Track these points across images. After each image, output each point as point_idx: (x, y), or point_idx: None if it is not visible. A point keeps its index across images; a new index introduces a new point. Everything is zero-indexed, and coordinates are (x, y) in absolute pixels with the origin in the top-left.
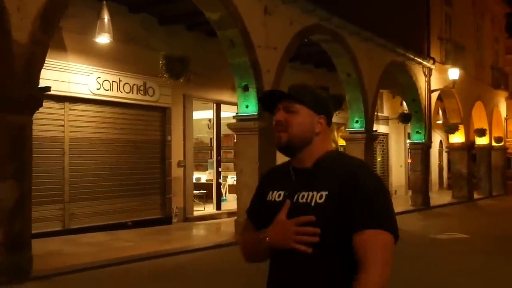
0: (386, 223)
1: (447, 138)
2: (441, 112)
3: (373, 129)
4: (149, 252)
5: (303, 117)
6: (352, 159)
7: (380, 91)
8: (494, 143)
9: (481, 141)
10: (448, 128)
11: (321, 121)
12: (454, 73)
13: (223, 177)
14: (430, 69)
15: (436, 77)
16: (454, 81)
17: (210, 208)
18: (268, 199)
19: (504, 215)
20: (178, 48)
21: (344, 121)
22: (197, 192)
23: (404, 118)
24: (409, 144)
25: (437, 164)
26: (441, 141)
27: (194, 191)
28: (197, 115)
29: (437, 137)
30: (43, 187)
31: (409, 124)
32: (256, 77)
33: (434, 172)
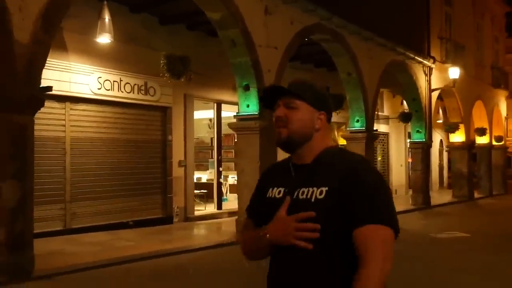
0: (387, 218)
1: (448, 137)
2: (441, 112)
3: (374, 129)
4: (150, 252)
5: (303, 113)
6: (353, 155)
7: (380, 91)
8: (495, 142)
9: (482, 140)
10: (449, 127)
11: (321, 117)
12: (455, 72)
13: (224, 177)
14: (431, 68)
15: (437, 76)
16: (455, 80)
17: (211, 208)
18: (268, 196)
19: (505, 214)
20: (179, 48)
21: (345, 121)
22: (198, 192)
23: (405, 118)
24: (410, 143)
25: (438, 164)
26: (442, 140)
27: (195, 191)
28: (198, 115)
29: (438, 136)
30: (45, 187)
31: (410, 124)
32: (257, 77)
33: (435, 172)
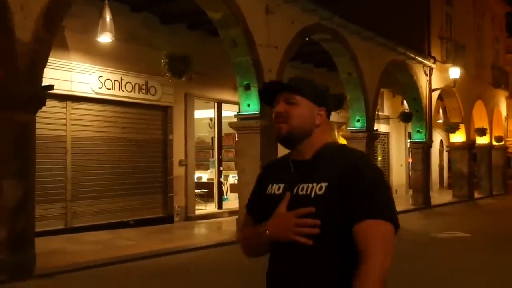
0: (387, 213)
1: (448, 137)
2: (442, 111)
3: (374, 128)
4: (151, 251)
5: (304, 109)
6: (353, 151)
7: (381, 91)
8: (495, 143)
9: (482, 140)
10: (449, 127)
11: (321, 113)
12: (455, 72)
13: (224, 176)
14: (431, 68)
15: (437, 76)
16: (455, 80)
17: (212, 207)
18: (268, 193)
19: (505, 214)
20: (180, 48)
21: (345, 120)
22: (199, 191)
23: (405, 117)
24: (410, 143)
25: (438, 164)
26: (442, 141)
27: (196, 190)
28: (199, 114)
29: (438, 137)
30: (46, 186)
31: (410, 123)
32: (258, 76)
33: (435, 172)
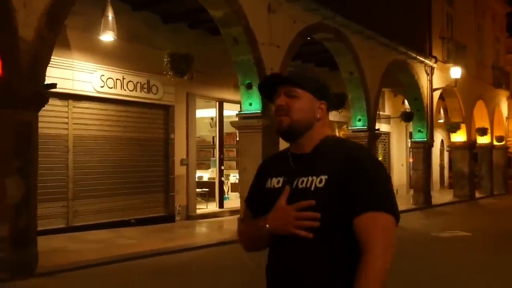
0: (388, 205)
1: (449, 137)
2: (443, 111)
3: (375, 128)
4: (153, 250)
5: (305, 102)
6: (352, 144)
7: (382, 90)
8: (496, 142)
9: (483, 140)
10: (450, 127)
11: (322, 107)
12: (456, 72)
13: (225, 175)
14: (432, 68)
15: (438, 76)
16: (456, 80)
17: (213, 206)
18: (267, 187)
19: (506, 214)
20: (181, 47)
21: (347, 120)
22: (200, 190)
23: (407, 117)
24: (411, 143)
25: (439, 163)
26: (442, 140)
27: (197, 189)
28: (200, 114)
29: (439, 136)
30: (47, 185)
31: (411, 123)
32: (260, 75)
33: (436, 171)
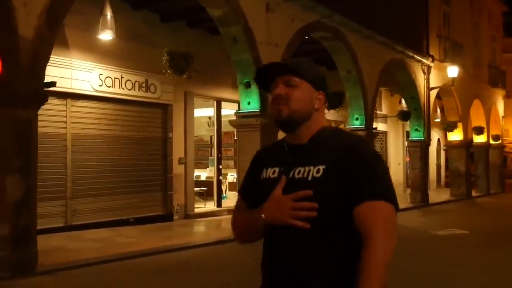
0: (387, 194)
1: (445, 137)
2: (439, 110)
3: (373, 127)
4: (152, 248)
5: (303, 91)
6: (350, 134)
7: (379, 89)
8: (492, 141)
9: (479, 139)
10: (447, 126)
11: (320, 97)
12: (453, 71)
13: (223, 175)
14: (429, 67)
15: (435, 75)
16: (453, 79)
17: (211, 205)
18: (263, 177)
19: (502, 212)
20: (180, 46)
21: (344, 119)
22: (198, 189)
23: (404, 116)
24: (408, 142)
25: (435, 162)
26: (439, 139)
27: (195, 189)
28: (198, 113)
29: (435, 135)
30: (46, 184)
31: (408, 122)
32: None
33: (432, 170)
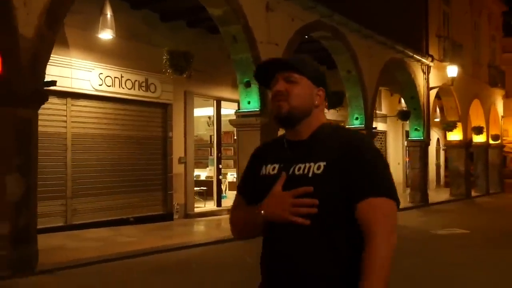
0: (388, 191)
1: (444, 136)
2: (439, 110)
3: (373, 126)
4: (152, 247)
5: (304, 88)
6: (351, 131)
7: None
8: (491, 141)
9: (479, 139)
10: (446, 126)
11: (320, 94)
12: (453, 71)
13: (223, 174)
14: (429, 67)
15: (435, 75)
16: (453, 79)
17: (211, 205)
18: (262, 174)
19: (502, 212)
20: (180, 45)
21: (344, 119)
22: (198, 189)
23: (403, 115)
24: (408, 142)
25: (435, 162)
26: (438, 139)
27: (195, 188)
28: (198, 112)
29: (434, 135)
30: (46, 183)
31: (408, 122)
32: None
33: (432, 170)
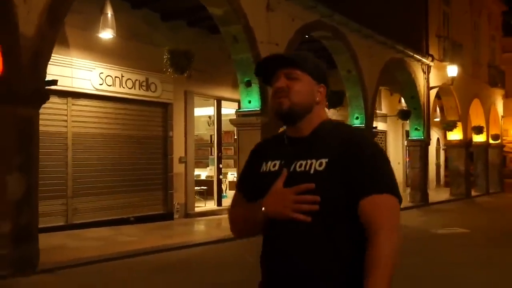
0: (391, 187)
1: (444, 136)
2: (439, 110)
3: (373, 126)
4: (152, 247)
5: (305, 84)
6: (352, 127)
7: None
8: (491, 141)
9: (478, 139)
10: (446, 125)
11: (321, 90)
12: (453, 70)
13: (223, 174)
14: (429, 66)
15: (435, 75)
16: (453, 78)
17: (211, 205)
18: (262, 171)
19: (502, 211)
20: (180, 45)
21: (344, 118)
22: (198, 189)
23: (404, 115)
24: (408, 141)
25: (434, 162)
26: (438, 139)
27: (195, 188)
28: (198, 112)
29: (434, 135)
30: (46, 182)
31: (408, 121)
32: None
33: (432, 170)
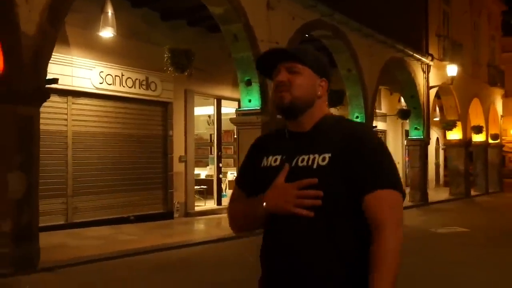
0: (395, 183)
1: (444, 136)
2: (438, 109)
3: (373, 125)
4: (152, 246)
5: (306, 78)
6: (354, 122)
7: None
8: (491, 140)
9: (478, 138)
10: (446, 125)
11: (323, 84)
12: (452, 70)
13: (223, 173)
14: (429, 66)
15: (434, 74)
16: (453, 78)
17: (211, 204)
18: (263, 165)
19: (501, 211)
20: (180, 44)
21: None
22: (198, 188)
23: (404, 114)
24: (408, 141)
25: (434, 162)
26: (438, 138)
27: (195, 187)
28: (198, 111)
29: (434, 135)
30: (47, 181)
31: (408, 121)
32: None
33: (431, 169)
